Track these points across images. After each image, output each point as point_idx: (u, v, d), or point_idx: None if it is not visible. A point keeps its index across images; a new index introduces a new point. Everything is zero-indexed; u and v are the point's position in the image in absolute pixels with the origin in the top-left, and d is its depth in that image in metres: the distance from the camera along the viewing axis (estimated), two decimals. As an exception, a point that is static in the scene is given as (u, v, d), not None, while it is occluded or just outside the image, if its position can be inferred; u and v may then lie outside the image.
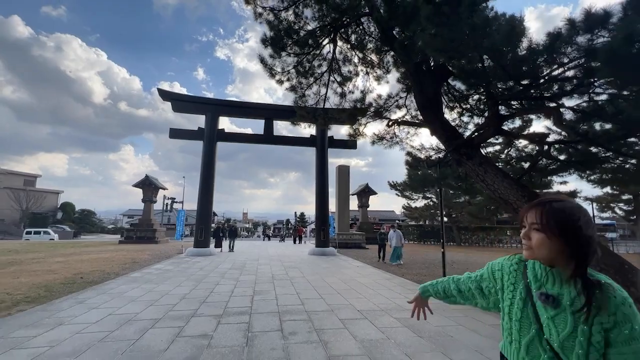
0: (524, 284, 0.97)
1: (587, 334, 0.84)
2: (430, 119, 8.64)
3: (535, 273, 0.97)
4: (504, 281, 1.04)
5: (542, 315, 0.90)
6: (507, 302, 1.01)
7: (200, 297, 5.83)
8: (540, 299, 0.91)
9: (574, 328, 0.85)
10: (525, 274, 0.99)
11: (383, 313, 4.91)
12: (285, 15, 10.84)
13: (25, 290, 6.26)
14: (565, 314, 0.88)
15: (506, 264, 1.07)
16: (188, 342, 3.60)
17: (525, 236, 0.94)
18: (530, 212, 0.93)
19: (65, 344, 3.53)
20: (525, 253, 0.96)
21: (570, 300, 0.88)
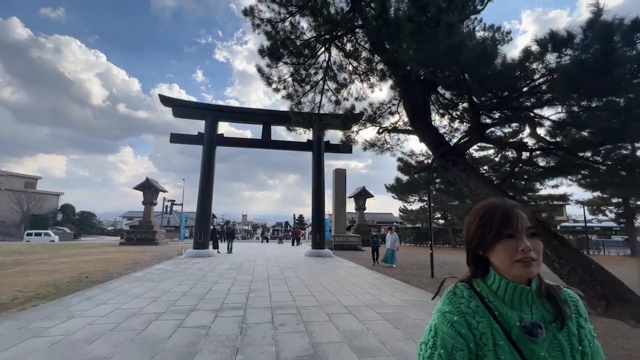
0: (494, 322, 0.70)
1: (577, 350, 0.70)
2: (419, 127, 9.10)
3: (496, 301, 0.73)
4: (472, 329, 0.70)
5: (531, 355, 0.67)
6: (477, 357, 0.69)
7: (199, 295, 6.26)
8: (525, 332, 0.68)
9: (570, 350, 0.70)
10: (487, 306, 0.72)
11: (367, 309, 5.35)
12: (282, 26, 11.34)
13: (35, 288, 6.68)
14: (555, 338, 0.70)
15: (462, 303, 0.73)
16: (188, 331, 4.04)
17: (526, 247, 0.69)
18: (514, 213, 0.73)
19: (79, 333, 3.96)
20: (529, 270, 0.69)
21: (549, 317, 0.72)
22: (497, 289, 0.73)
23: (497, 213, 0.74)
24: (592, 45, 4.62)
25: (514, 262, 0.70)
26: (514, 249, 0.70)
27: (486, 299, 0.73)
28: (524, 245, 0.69)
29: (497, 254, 0.72)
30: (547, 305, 0.73)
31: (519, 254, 0.69)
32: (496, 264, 0.74)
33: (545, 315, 0.72)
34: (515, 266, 0.70)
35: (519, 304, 0.72)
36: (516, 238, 0.71)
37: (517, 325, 0.69)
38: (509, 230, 0.71)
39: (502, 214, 0.73)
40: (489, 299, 0.73)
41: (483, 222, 0.75)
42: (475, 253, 0.78)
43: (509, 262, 0.70)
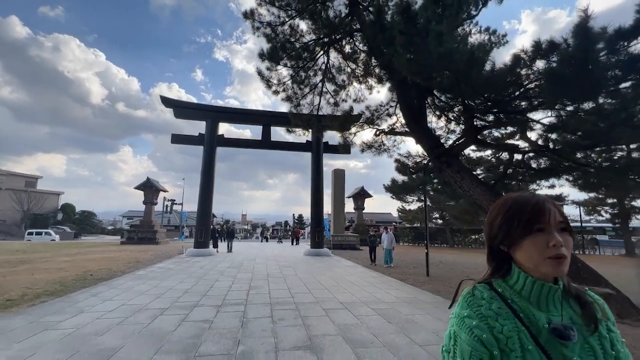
0: (521, 325, 0.64)
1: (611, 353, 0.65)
2: (415, 129, 9.34)
3: (520, 302, 0.68)
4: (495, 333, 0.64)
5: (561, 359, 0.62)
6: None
7: (202, 291, 6.50)
8: (555, 334, 0.63)
9: (603, 356, 0.64)
10: (511, 307, 0.67)
11: (362, 305, 5.59)
12: (281, 29, 11.58)
13: (43, 285, 6.91)
14: (587, 342, 0.65)
15: (482, 306, 0.68)
16: (192, 325, 4.28)
17: (557, 242, 0.65)
18: (545, 206, 0.68)
19: (89, 327, 4.19)
20: (560, 268, 0.65)
21: (578, 320, 0.67)
22: (522, 288, 0.68)
23: (528, 205, 0.69)
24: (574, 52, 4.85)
25: (545, 258, 0.65)
26: (545, 244, 0.65)
27: (509, 300, 0.67)
28: (555, 240, 0.65)
29: (525, 249, 0.67)
30: (575, 306, 0.68)
31: (550, 250, 0.64)
32: (522, 261, 0.69)
33: (574, 317, 0.67)
34: (546, 263, 0.65)
35: (546, 305, 0.66)
36: (547, 232, 0.66)
37: (545, 328, 0.64)
38: (540, 224, 0.66)
39: (532, 207, 0.68)
40: (513, 300, 0.67)
41: (511, 215, 0.70)
42: (497, 250, 0.73)
43: (539, 258, 0.65)
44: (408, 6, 6.09)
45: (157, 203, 25.34)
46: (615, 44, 5.39)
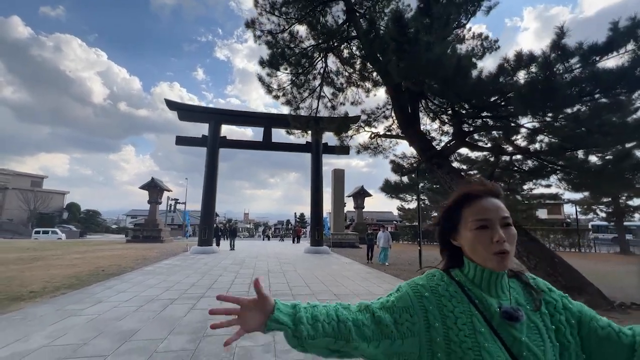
0: (474, 310, 0.67)
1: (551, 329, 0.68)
2: (409, 133, 9.80)
3: (475, 289, 0.71)
4: (445, 311, 0.67)
5: (513, 342, 0.64)
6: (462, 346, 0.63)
7: (207, 285, 7.03)
8: (506, 317, 0.66)
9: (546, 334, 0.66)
10: (466, 293, 0.69)
11: (354, 296, 6.10)
12: (281, 36, 12.07)
13: (60, 280, 7.46)
14: (531, 321, 0.68)
15: (440, 285, 0.71)
16: (200, 312, 4.80)
17: (501, 238, 0.67)
18: (489, 201, 0.71)
19: (109, 313, 4.73)
20: (504, 263, 0.68)
21: (522, 301, 0.71)
22: (474, 277, 0.71)
23: (471, 199, 0.71)
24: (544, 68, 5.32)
25: (490, 254, 0.67)
26: (489, 240, 0.67)
27: (466, 288, 0.70)
28: (498, 236, 0.66)
29: (471, 244, 0.69)
30: (518, 288, 0.72)
31: (494, 246, 0.66)
32: (470, 255, 0.71)
33: (519, 299, 0.70)
34: (491, 258, 0.67)
35: (495, 290, 0.69)
36: (490, 228, 0.68)
37: (497, 312, 0.66)
38: (483, 219, 0.68)
39: (475, 201, 0.70)
40: (469, 288, 0.70)
41: (455, 208, 0.73)
42: (447, 242, 0.76)
43: (484, 253, 0.68)
44: (400, 16, 6.55)
45: (161, 202, 25.95)
46: (588, 58, 5.86)
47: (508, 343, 0.64)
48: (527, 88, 5.21)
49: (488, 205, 0.70)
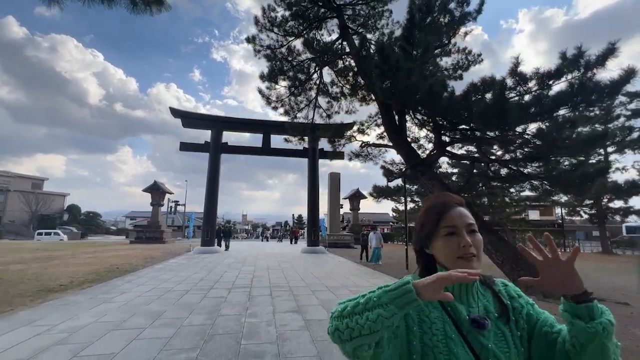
0: (447, 316, 0.71)
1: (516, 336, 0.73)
2: (395, 141, 10.75)
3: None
4: (422, 316, 0.71)
5: (480, 349, 0.69)
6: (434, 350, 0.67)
7: (214, 279, 7.96)
8: (474, 325, 0.70)
9: (512, 341, 0.72)
10: (440, 301, 0.71)
11: (343, 288, 7.04)
12: (280, 51, 13.05)
13: (82, 275, 8.35)
14: (498, 328, 0.73)
15: None
16: (212, 299, 5.73)
17: (467, 243, 0.72)
18: (456, 211, 0.77)
19: (136, 300, 5.64)
20: (471, 265, 0.71)
21: (491, 309, 0.75)
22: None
23: (438, 210, 0.77)
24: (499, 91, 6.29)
25: (457, 258, 0.72)
26: (457, 245, 0.72)
27: None
28: (464, 242, 0.72)
29: (441, 250, 0.74)
30: (488, 297, 0.77)
31: (460, 250, 0.72)
32: (441, 261, 0.76)
33: (488, 307, 0.75)
34: (459, 262, 0.71)
35: (466, 298, 0.74)
36: (457, 235, 0.73)
37: (466, 319, 0.71)
38: (451, 226, 0.74)
39: (442, 211, 0.76)
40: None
41: (426, 220, 0.79)
42: (422, 250, 0.81)
43: (452, 258, 0.72)
44: (382, 47, 7.52)
45: (163, 204, 26.79)
46: (543, 82, 6.86)
47: (476, 349, 0.68)
48: (484, 108, 6.17)
49: (454, 214, 0.75)
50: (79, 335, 3.84)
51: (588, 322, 0.63)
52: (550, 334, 0.72)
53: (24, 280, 7.50)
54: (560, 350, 0.70)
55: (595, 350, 0.64)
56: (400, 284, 0.60)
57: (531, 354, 0.73)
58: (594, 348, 0.64)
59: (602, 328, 0.63)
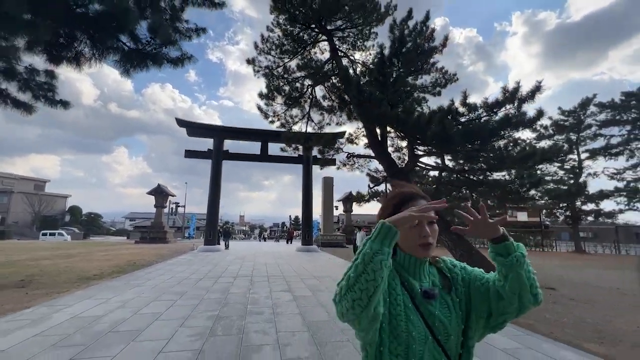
0: (404, 290, 0.87)
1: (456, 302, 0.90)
2: (377, 153, 12.33)
3: (404, 273, 0.91)
4: (390, 289, 0.86)
5: (429, 316, 0.85)
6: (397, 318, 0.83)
7: (220, 271, 9.49)
8: (425, 296, 0.87)
9: (453, 307, 0.89)
10: (400, 277, 0.89)
11: (327, 277, 8.60)
12: (277, 70, 14.63)
13: (107, 269, 9.84)
14: (443, 298, 0.90)
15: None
16: (222, 284, 7.27)
17: (426, 233, 0.87)
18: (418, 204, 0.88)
19: (161, 285, 7.16)
20: (428, 252, 0.88)
21: (438, 283, 0.92)
22: (404, 263, 0.91)
23: (404, 200, 0.90)
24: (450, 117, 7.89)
25: (417, 245, 0.87)
26: (418, 234, 0.87)
27: (398, 272, 0.90)
28: (425, 232, 0.86)
29: (404, 237, 0.87)
30: (435, 274, 0.94)
31: (421, 239, 0.87)
32: (402, 246, 0.91)
33: (435, 281, 0.92)
34: (418, 248, 0.88)
35: (419, 275, 0.91)
36: (419, 225, 0.86)
37: (419, 292, 0.87)
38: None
39: (407, 201, 0.89)
40: (400, 273, 0.90)
41: (393, 208, 0.90)
42: None
43: (413, 244, 0.88)
44: (358, 82, 9.11)
45: (166, 206, 28.22)
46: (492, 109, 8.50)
47: (425, 316, 0.85)
48: (434, 132, 7.77)
49: (418, 205, 0.86)
50: (131, 303, 5.38)
51: (506, 257, 0.83)
52: (481, 285, 0.91)
53: (62, 272, 9.00)
54: (493, 291, 0.88)
55: (513, 277, 0.82)
56: (380, 228, 0.76)
57: (475, 309, 0.90)
58: (512, 276, 0.83)
59: (516, 260, 0.82)
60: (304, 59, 14.74)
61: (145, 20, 6.03)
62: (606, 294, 7.52)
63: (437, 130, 7.60)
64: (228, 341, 3.67)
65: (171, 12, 6.30)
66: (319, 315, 4.85)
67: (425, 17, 11.01)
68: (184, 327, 4.15)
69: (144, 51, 5.30)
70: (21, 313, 4.72)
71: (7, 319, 4.40)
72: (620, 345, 4.06)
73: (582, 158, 24.15)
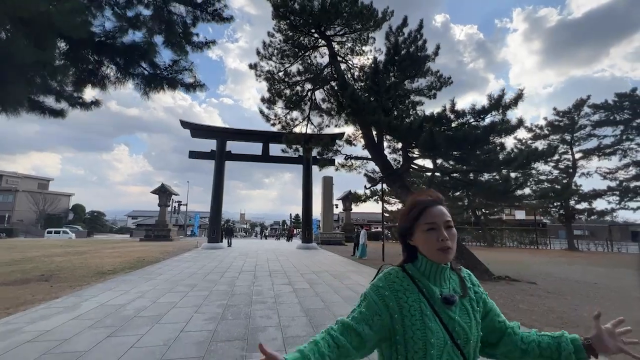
0: (422, 297, 0.89)
1: (477, 311, 0.94)
2: (373, 155, 12.95)
3: (423, 280, 0.93)
4: (402, 303, 0.88)
5: (448, 320, 0.88)
6: (413, 328, 0.86)
7: (226, 266, 10.14)
8: (444, 302, 0.89)
9: (472, 314, 0.92)
10: (416, 284, 0.92)
11: (325, 272, 9.24)
12: (278, 75, 15.22)
13: (119, 264, 10.48)
14: (462, 304, 0.92)
15: (395, 282, 0.92)
16: (228, 278, 7.92)
17: (444, 237, 0.89)
18: (436, 209, 0.92)
19: (173, 278, 7.81)
20: (447, 256, 0.90)
21: (458, 290, 0.94)
22: (424, 269, 0.92)
23: (422, 208, 0.92)
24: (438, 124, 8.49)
25: (436, 249, 0.88)
26: (436, 238, 0.88)
27: (416, 280, 0.92)
28: (442, 236, 0.88)
29: (423, 242, 0.91)
30: (456, 280, 0.96)
31: (439, 243, 0.88)
32: (422, 251, 0.93)
33: (456, 288, 0.94)
34: (437, 253, 0.89)
35: (439, 281, 0.92)
36: (437, 230, 0.89)
37: (439, 298, 0.89)
38: (431, 223, 0.89)
39: (424, 208, 0.91)
40: (418, 279, 0.92)
41: (411, 216, 0.94)
42: (407, 244, 0.97)
43: (432, 249, 0.89)
44: (353, 92, 9.71)
45: (169, 205, 28.90)
46: (479, 115, 9.09)
47: (445, 321, 0.87)
48: (423, 139, 8.38)
49: (435, 212, 0.91)
50: (148, 294, 6.03)
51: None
52: (497, 321, 0.98)
53: (77, 268, 9.65)
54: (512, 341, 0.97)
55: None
56: None
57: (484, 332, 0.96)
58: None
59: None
60: (304, 63, 15.33)
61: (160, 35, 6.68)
62: (582, 288, 8.14)
63: (426, 137, 8.20)
64: (237, 324, 4.31)
65: (183, 28, 6.91)
66: (316, 304, 5.49)
67: (419, 26, 11.60)
68: (199, 313, 4.79)
69: (161, 76, 5.93)
70: (53, 302, 5.37)
71: (43, 307, 5.05)
72: (577, 329, 4.69)
73: (576, 158, 24.72)
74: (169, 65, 5.96)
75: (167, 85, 6.07)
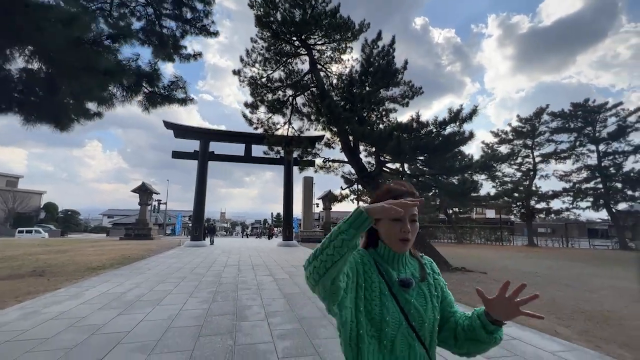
0: (381, 279, 0.94)
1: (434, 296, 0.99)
2: (349, 158, 13.96)
3: (383, 264, 0.98)
4: (366, 277, 0.94)
5: (405, 303, 0.93)
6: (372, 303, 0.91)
7: (210, 262, 10.86)
8: (401, 285, 0.94)
9: (429, 297, 0.97)
10: (377, 267, 0.97)
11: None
12: (260, 81, 15.96)
13: (106, 261, 10.95)
14: (420, 288, 0.98)
15: (364, 256, 0.99)
16: (214, 271, 8.69)
17: (407, 230, 0.93)
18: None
19: (162, 272, 8.48)
20: (406, 247, 0.95)
21: (416, 274, 1.00)
22: (383, 254, 0.99)
23: (394, 196, 0.94)
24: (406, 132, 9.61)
25: (397, 240, 0.94)
26: (399, 230, 0.93)
27: (377, 263, 0.97)
28: (405, 228, 0.93)
29: (386, 231, 0.96)
30: (415, 266, 1.02)
31: (401, 234, 0.93)
32: (383, 238, 0.98)
33: (414, 273, 1.00)
34: (398, 243, 0.94)
35: (397, 265, 0.98)
36: (402, 221, 0.93)
37: (396, 281, 0.94)
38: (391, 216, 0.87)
39: (395, 198, 0.92)
40: (379, 262, 0.98)
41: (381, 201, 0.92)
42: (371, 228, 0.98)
43: (394, 239, 0.95)
44: (330, 103, 10.69)
45: (150, 204, 28.87)
46: (441, 126, 10.27)
47: (401, 303, 0.92)
48: (391, 147, 9.48)
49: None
50: (143, 285, 6.74)
51: (489, 335, 0.91)
52: (448, 312, 1.02)
53: (66, 264, 10.09)
54: (452, 325, 1.00)
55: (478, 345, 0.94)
56: (353, 212, 0.79)
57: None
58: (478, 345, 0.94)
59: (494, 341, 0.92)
60: (285, 69, 16.15)
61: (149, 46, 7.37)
62: (524, 277, 9.50)
63: (394, 145, 9.30)
64: (227, 304, 5.17)
65: (173, 42, 7.64)
66: (293, 289, 6.42)
67: (391, 41, 12.72)
68: (192, 298, 5.60)
69: (159, 93, 6.65)
70: (57, 292, 6.01)
71: (50, 295, 5.69)
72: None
73: (536, 161, 26.92)
74: (167, 85, 6.70)
75: (164, 101, 6.79)
